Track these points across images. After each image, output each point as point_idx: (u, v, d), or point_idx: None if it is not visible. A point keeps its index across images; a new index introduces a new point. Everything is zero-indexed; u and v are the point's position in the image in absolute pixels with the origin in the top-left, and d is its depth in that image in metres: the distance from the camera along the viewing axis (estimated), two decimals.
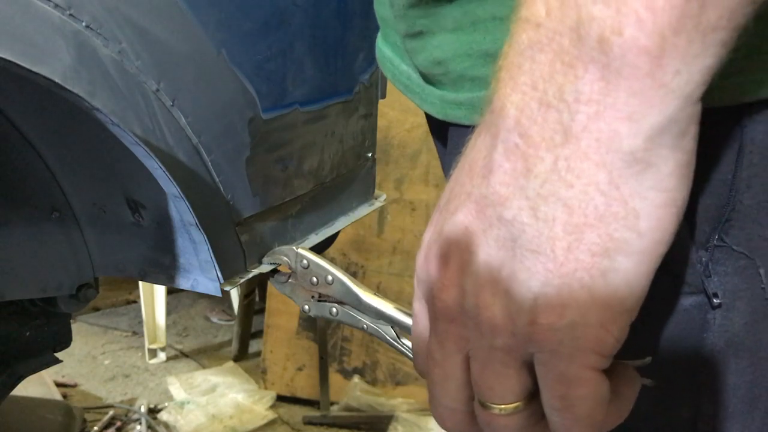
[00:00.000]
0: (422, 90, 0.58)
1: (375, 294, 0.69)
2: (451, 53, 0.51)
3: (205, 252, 0.63)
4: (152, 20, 0.52)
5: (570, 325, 0.30)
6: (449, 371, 0.36)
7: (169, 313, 2.65)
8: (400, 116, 2.05)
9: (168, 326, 2.59)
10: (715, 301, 0.40)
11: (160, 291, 2.46)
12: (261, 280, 2.46)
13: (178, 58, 0.55)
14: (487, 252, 0.32)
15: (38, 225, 0.68)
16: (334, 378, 2.18)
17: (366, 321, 0.69)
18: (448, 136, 0.60)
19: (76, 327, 2.07)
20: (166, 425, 2.10)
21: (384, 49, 0.62)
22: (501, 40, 0.47)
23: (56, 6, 0.45)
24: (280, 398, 2.23)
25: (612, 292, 0.30)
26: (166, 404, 2.21)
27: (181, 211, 0.60)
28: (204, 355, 2.61)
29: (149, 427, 2.09)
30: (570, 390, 0.32)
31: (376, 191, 0.93)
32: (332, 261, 0.70)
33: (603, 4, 0.27)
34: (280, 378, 2.23)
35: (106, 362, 2.52)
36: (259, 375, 2.28)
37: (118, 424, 2.09)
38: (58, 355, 0.82)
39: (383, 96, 0.87)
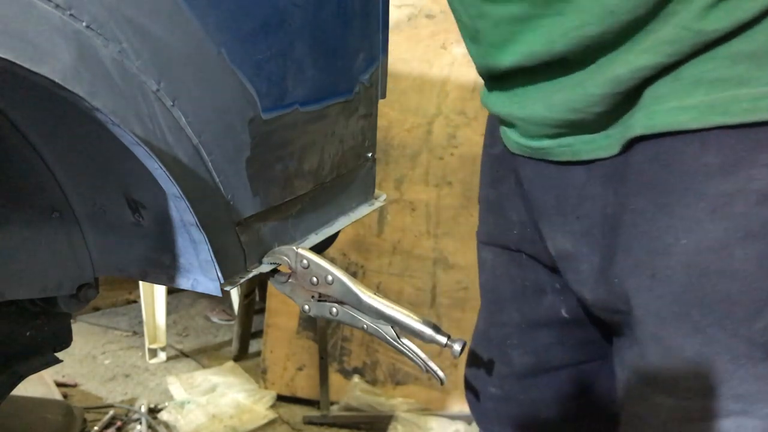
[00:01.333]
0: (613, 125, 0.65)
1: (375, 294, 0.69)
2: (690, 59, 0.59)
3: (205, 252, 0.63)
4: (152, 20, 0.52)
5: None
6: None
7: (169, 312, 2.65)
8: (400, 116, 2.05)
9: (168, 326, 2.59)
10: None
11: (160, 291, 2.46)
12: (261, 280, 2.46)
13: (179, 58, 0.55)
14: None
15: (38, 225, 0.68)
16: (334, 378, 2.19)
17: (366, 321, 0.69)
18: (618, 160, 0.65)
19: (76, 327, 2.07)
20: (167, 425, 2.10)
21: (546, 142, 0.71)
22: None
23: (57, 6, 0.45)
24: (281, 398, 2.23)
25: None
26: (167, 404, 2.21)
27: (181, 211, 0.60)
28: (204, 355, 2.61)
29: (149, 426, 2.09)
30: None
31: (376, 191, 0.93)
32: (332, 261, 0.70)
33: None
34: (280, 378, 2.23)
35: (107, 362, 2.52)
36: (259, 375, 2.28)
37: (119, 423, 2.09)
38: (59, 354, 0.82)
39: (383, 96, 0.87)
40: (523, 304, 0.95)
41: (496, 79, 0.79)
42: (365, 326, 0.69)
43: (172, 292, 2.88)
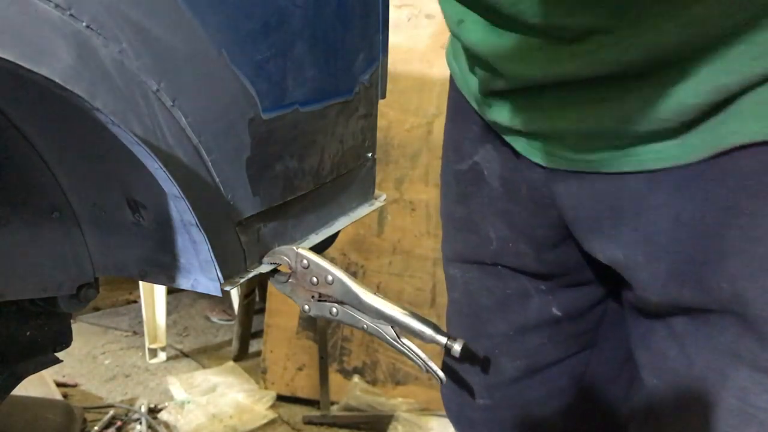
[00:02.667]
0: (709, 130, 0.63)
1: (375, 294, 0.69)
2: None
3: (206, 252, 0.63)
4: (152, 20, 0.52)
5: None
6: None
7: (169, 312, 2.65)
8: (400, 116, 2.05)
9: (168, 326, 2.59)
10: None
11: (160, 291, 2.47)
12: (261, 280, 2.46)
13: (179, 58, 0.55)
14: None
15: (38, 225, 0.68)
16: (334, 378, 2.19)
17: (366, 321, 0.69)
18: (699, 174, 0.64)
19: (76, 327, 2.07)
20: (167, 425, 2.10)
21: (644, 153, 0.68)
22: None
23: (56, 6, 0.45)
24: (280, 398, 2.23)
25: None
26: (167, 404, 2.21)
27: (181, 211, 0.60)
28: (204, 355, 2.61)
29: (149, 426, 2.09)
30: None
31: (376, 191, 0.93)
32: (332, 261, 0.70)
33: None
34: (280, 378, 2.23)
35: (107, 362, 2.53)
36: (259, 375, 2.28)
37: (119, 423, 2.09)
38: (59, 355, 0.82)
39: (383, 96, 0.87)
40: (508, 312, 0.94)
41: (529, 93, 0.75)
42: (365, 326, 0.69)
43: (172, 292, 2.88)
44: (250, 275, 0.70)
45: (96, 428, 2.04)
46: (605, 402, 0.98)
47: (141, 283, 2.45)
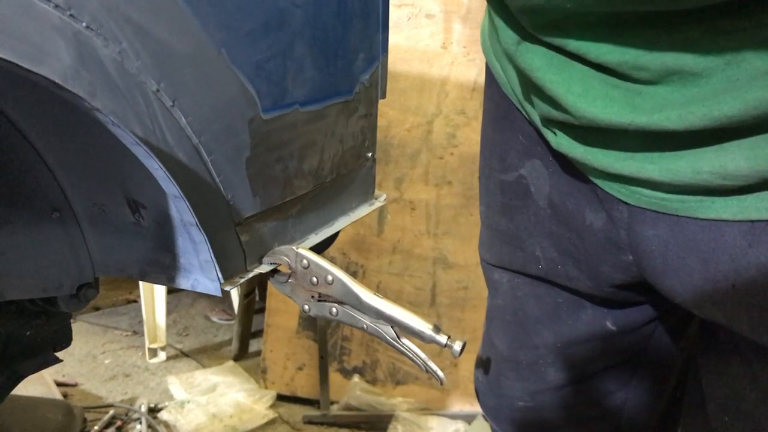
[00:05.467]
0: None
1: (375, 294, 0.69)
2: None
3: (206, 252, 0.63)
4: (152, 20, 0.52)
5: None
6: None
7: (169, 312, 2.65)
8: (400, 116, 2.05)
9: (168, 325, 2.59)
10: None
11: (160, 290, 2.47)
12: (261, 280, 2.46)
13: (179, 58, 0.55)
14: None
15: (38, 225, 0.68)
16: (334, 377, 2.19)
17: (366, 321, 0.69)
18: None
19: (76, 326, 2.07)
20: (167, 424, 2.10)
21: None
22: None
23: (56, 6, 0.45)
24: (281, 397, 2.23)
25: None
26: (167, 403, 2.21)
27: (181, 211, 0.60)
28: (204, 355, 2.61)
29: (149, 426, 2.09)
30: None
31: (376, 191, 0.93)
32: (332, 261, 0.70)
33: None
34: (280, 377, 2.23)
35: (107, 361, 2.53)
36: (260, 374, 2.28)
37: (119, 423, 2.09)
38: (59, 354, 0.82)
39: (383, 96, 0.87)
40: (557, 323, 0.88)
41: (605, 130, 0.65)
42: (365, 326, 0.69)
43: (172, 291, 2.88)
44: (250, 275, 0.70)
45: (96, 428, 2.04)
46: (651, 406, 0.93)
47: (141, 282, 2.45)
